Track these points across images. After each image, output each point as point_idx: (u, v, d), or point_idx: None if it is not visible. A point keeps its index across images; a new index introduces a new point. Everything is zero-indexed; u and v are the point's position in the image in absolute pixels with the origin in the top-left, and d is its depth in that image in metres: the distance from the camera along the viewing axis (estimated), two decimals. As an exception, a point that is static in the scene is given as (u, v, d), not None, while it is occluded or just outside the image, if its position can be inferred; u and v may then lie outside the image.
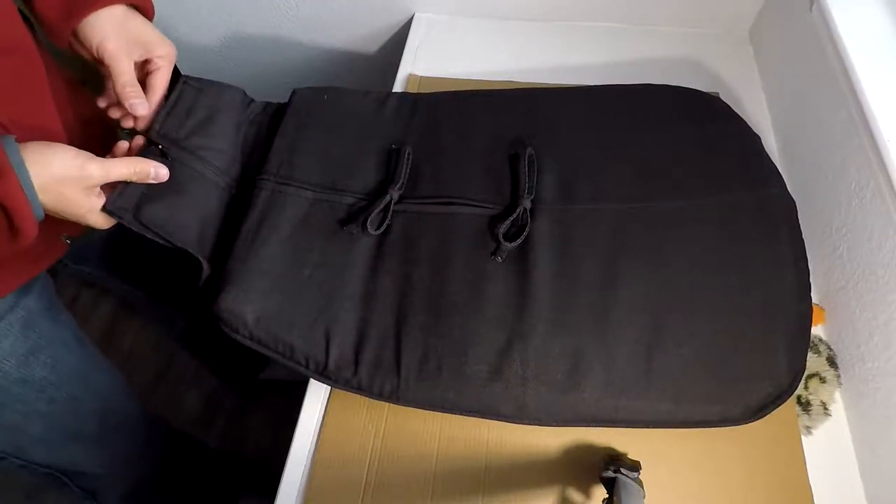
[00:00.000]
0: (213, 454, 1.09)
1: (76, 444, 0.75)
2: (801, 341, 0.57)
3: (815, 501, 0.56)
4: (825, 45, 0.67)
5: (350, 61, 1.14)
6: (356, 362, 0.57)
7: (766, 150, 0.66)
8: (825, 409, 0.62)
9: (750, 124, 0.69)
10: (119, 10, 0.57)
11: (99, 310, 1.51)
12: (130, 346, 1.46)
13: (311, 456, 0.60)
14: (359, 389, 0.57)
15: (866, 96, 0.60)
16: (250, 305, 0.57)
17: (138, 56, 0.59)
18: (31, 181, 0.46)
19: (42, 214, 0.49)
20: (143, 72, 0.61)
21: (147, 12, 0.60)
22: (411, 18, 0.99)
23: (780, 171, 0.65)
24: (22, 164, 0.46)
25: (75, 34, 0.56)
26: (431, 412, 0.58)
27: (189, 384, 1.39)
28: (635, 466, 0.54)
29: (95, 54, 0.57)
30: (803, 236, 0.61)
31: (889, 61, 0.62)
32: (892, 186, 0.55)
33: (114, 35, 0.56)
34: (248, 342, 0.58)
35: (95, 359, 0.75)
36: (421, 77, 0.88)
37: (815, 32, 0.70)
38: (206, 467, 1.05)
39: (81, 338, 0.73)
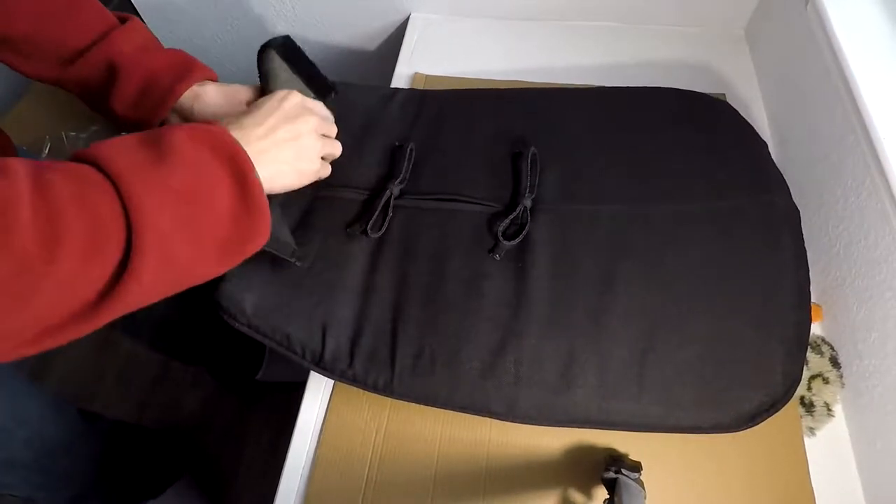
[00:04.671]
0: (152, 434, 1.08)
1: (10, 470, 0.75)
2: (798, 351, 0.56)
3: (817, 502, 0.56)
4: (821, 42, 0.67)
5: (346, 61, 1.14)
6: (351, 354, 0.57)
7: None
8: (828, 409, 0.62)
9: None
10: (190, 93, 0.58)
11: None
12: (128, 349, 1.45)
13: (311, 456, 0.60)
14: (354, 381, 0.57)
15: (862, 94, 0.60)
16: (249, 294, 0.58)
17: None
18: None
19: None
20: None
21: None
22: (407, 19, 0.99)
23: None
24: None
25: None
26: (433, 410, 0.58)
27: (187, 387, 1.39)
28: (636, 467, 0.54)
29: None
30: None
31: (884, 58, 0.62)
32: (887, 183, 0.55)
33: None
34: (245, 330, 0.58)
35: (26, 387, 0.75)
36: (427, 76, 0.88)
37: (810, 30, 0.70)
38: (147, 449, 1.04)
39: (15, 366, 0.73)
